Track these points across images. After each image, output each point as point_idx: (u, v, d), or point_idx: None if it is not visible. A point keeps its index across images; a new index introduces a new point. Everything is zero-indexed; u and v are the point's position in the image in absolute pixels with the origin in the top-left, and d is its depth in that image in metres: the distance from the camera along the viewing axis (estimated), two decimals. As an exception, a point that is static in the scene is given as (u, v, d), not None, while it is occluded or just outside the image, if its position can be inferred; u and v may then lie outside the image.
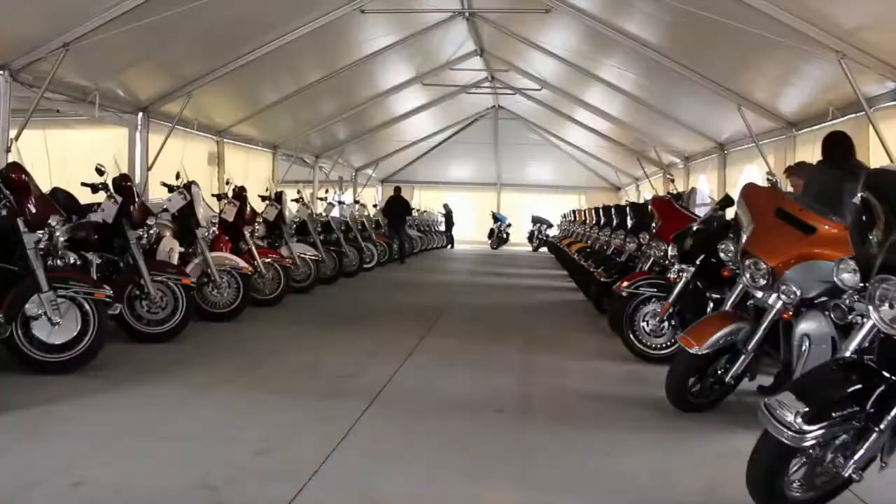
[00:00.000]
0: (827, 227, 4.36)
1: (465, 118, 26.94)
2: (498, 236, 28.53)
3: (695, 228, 6.28)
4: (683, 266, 6.20)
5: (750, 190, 4.84)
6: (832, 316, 3.26)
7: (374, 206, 21.38)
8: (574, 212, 20.47)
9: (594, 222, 13.44)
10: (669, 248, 6.57)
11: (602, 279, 9.16)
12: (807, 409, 2.80)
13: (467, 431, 4.49)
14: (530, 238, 28.64)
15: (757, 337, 4.54)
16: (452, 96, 21.21)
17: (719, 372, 4.79)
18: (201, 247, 8.06)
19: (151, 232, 7.04)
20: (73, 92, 9.70)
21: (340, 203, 16.37)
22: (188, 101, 11.53)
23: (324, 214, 14.11)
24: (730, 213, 6.74)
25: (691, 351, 4.55)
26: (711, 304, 6.14)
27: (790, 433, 2.80)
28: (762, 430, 2.98)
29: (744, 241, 4.61)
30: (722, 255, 5.27)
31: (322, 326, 8.22)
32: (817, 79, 9.02)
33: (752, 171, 12.64)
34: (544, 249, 26.46)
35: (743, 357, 4.62)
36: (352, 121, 18.98)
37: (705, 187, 14.01)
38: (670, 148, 16.99)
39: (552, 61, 15.25)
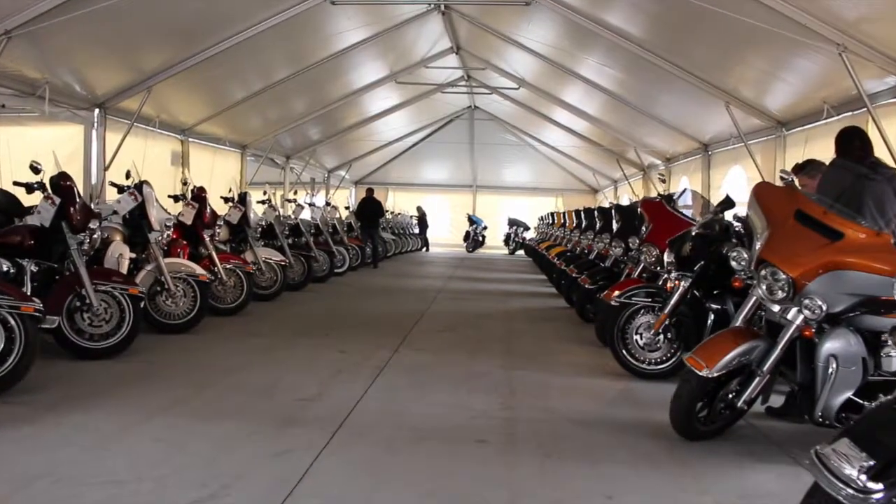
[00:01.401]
0: (855, 231, 3.84)
1: (441, 119, 26.46)
2: (473, 239, 28.10)
3: (694, 233, 5.74)
4: (681, 273, 5.68)
5: (763, 190, 4.29)
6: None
7: (347, 208, 20.73)
8: (552, 214, 20.03)
9: (574, 225, 12.96)
10: (665, 254, 6.03)
11: (586, 286, 8.64)
12: (872, 463, 2.22)
13: (445, 468, 3.87)
14: (506, 241, 28.27)
15: (774, 356, 3.99)
16: (427, 96, 20.67)
17: (730, 396, 4.23)
18: (154, 252, 7.42)
19: (95, 236, 6.38)
20: (20, 85, 9.05)
21: (311, 205, 15.71)
22: (148, 97, 10.88)
23: (292, 217, 13.45)
24: (727, 216, 6.25)
25: (701, 374, 3.98)
26: (712, 316, 5.60)
27: (850, 491, 2.22)
28: (812, 484, 2.42)
29: (758, 247, 4.07)
30: (733, 263, 4.71)
31: (286, 339, 7.58)
32: (811, 74, 8.60)
33: (737, 173, 12.22)
34: (521, 252, 26.05)
35: (758, 379, 4.05)
36: (323, 120, 18.34)
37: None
38: (651, 148, 16.55)
39: (530, 58, 14.72)
